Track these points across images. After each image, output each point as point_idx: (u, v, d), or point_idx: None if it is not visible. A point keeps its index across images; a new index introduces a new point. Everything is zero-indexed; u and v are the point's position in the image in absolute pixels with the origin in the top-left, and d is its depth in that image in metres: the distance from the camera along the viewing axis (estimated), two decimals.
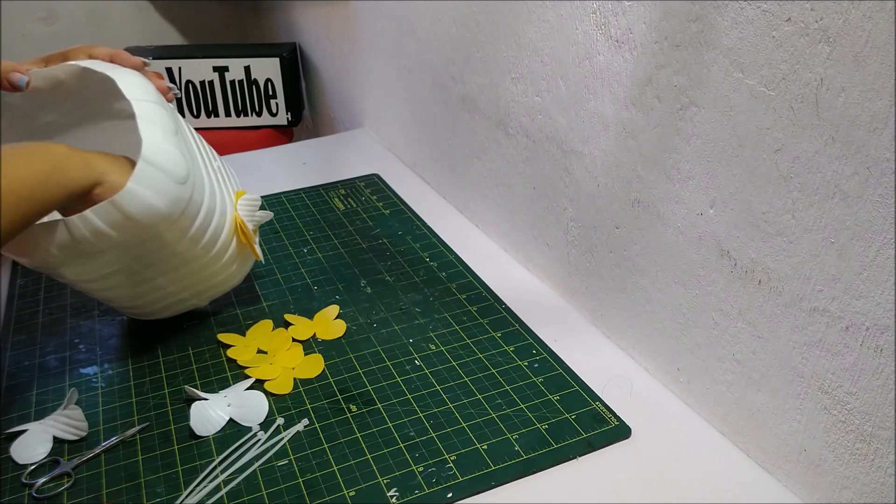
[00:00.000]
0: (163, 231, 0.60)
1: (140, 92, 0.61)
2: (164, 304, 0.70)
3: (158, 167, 0.58)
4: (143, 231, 0.59)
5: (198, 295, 0.71)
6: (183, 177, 0.59)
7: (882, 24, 0.41)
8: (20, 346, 0.73)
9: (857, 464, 0.49)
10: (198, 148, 0.67)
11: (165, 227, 0.60)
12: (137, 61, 0.66)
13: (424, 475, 0.57)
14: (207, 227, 0.65)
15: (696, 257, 0.59)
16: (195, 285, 0.69)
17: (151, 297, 0.68)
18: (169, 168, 0.58)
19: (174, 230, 0.61)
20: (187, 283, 0.68)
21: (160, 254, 0.63)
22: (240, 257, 0.71)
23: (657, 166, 0.61)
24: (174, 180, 0.58)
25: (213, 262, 0.68)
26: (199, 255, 0.66)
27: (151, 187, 0.57)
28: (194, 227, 0.63)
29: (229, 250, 0.69)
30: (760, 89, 0.50)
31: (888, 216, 0.43)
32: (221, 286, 0.72)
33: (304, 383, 0.68)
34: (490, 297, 0.79)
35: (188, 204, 0.61)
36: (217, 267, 0.69)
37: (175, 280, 0.67)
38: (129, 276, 0.64)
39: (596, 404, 0.64)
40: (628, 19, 0.60)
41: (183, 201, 0.60)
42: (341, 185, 1.07)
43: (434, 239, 0.91)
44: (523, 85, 0.77)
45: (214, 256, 0.67)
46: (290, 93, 1.49)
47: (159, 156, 0.58)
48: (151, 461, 0.59)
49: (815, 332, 0.50)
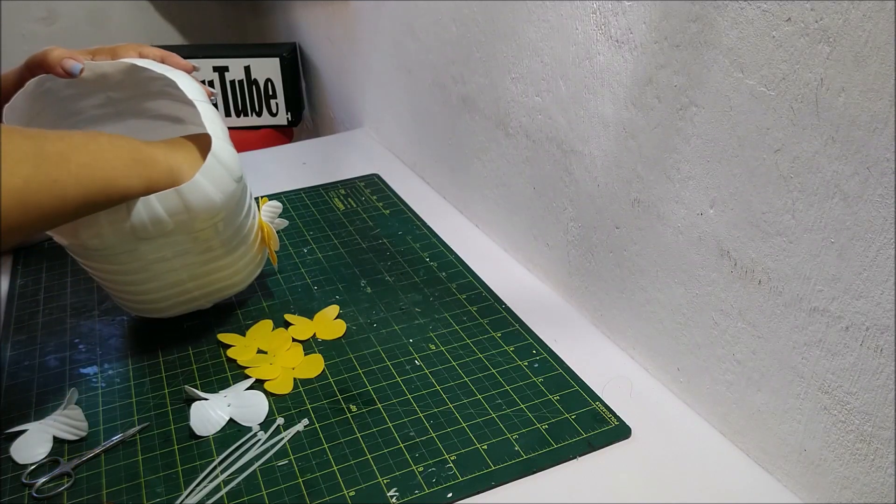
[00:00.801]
0: (211, 225, 0.63)
1: (199, 94, 0.64)
2: (175, 301, 0.71)
3: (223, 163, 0.61)
4: (196, 223, 0.61)
5: (207, 295, 0.72)
6: (239, 175, 0.63)
7: (882, 24, 0.41)
8: (20, 346, 0.73)
9: (857, 464, 0.49)
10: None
11: (215, 221, 0.63)
12: (188, 65, 0.68)
13: (424, 475, 0.57)
14: (244, 227, 0.68)
15: (696, 257, 0.59)
16: (210, 284, 0.70)
17: (168, 292, 0.69)
18: (230, 165, 0.62)
19: (220, 225, 0.64)
20: (205, 280, 0.70)
21: (197, 248, 0.65)
22: (254, 261, 0.74)
23: (657, 166, 0.61)
24: (233, 178, 0.62)
25: (234, 262, 0.70)
26: (228, 252, 0.68)
27: (214, 182, 0.60)
28: (234, 226, 0.66)
29: (250, 253, 0.72)
30: (760, 89, 0.50)
31: (888, 216, 0.43)
32: (231, 289, 0.73)
33: (304, 383, 0.68)
34: (490, 297, 0.79)
35: (239, 200, 0.65)
36: (236, 267, 0.71)
37: (196, 276, 0.68)
38: (158, 268, 0.65)
39: (596, 404, 0.64)
40: (628, 19, 0.60)
41: (235, 198, 0.64)
42: (341, 185, 1.07)
43: (434, 239, 0.91)
44: (523, 85, 0.77)
45: (238, 256, 0.70)
46: (290, 93, 1.49)
47: (223, 153, 0.61)
48: (151, 461, 0.59)
49: (815, 332, 0.50)
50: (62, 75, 0.62)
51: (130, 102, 0.72)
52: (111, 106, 0.72)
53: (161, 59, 0.67)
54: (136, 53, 0.67)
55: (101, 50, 0.66)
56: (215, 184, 0.60)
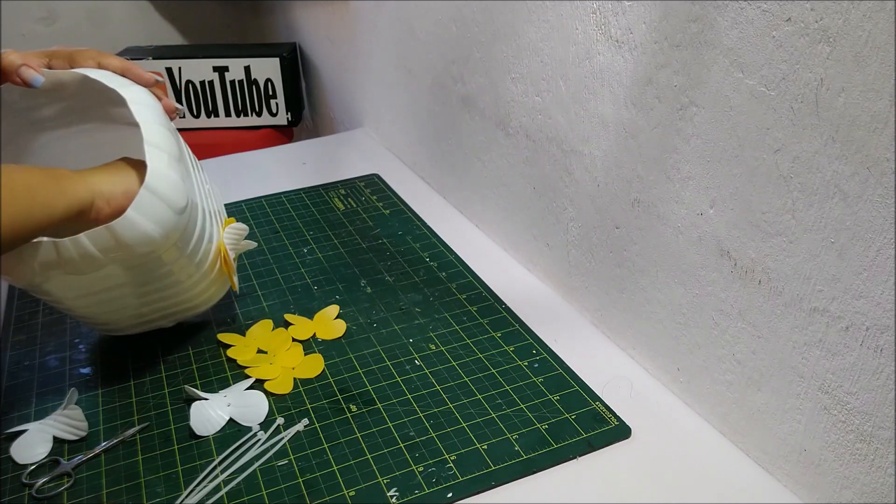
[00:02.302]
0: (152, 258, 0.59)
1: (149, 114, 0.60)
2: (133, 323, 0.69)
3: (160, 196, 0.57)
4: (134, 258, 0.58)
5: (167, 317, 0.70)
6: (182, 207, 0.58)
7: (882, 24, 0.41)
8: (20, 346, 0.73)
9: (857, 464, 0.49)
10: (194, 171, 0.66)
11: (156, 254, 0.59)
12: (149, 78, 0.64)
13: (424, 475, 0.57)
14: (196, 255, 0.64)
15: (696, 257, 0.59)
16: (167, 308, 0.68)
17: (121, 315, 0.67)
18: (169, 197, 0.57)
19: (164, 257, 0.60)
20: (160, 305, 0.67)
21: (142, 278, 0.62)
22: (215, 285, 0.70)
23: (657, 166, 0.61)
24: (173, 210, 0.58)
25: (191, 288, 0.67)
26: (181, 280, 0.65)
27: (150, 216, 0.56)
28: (183, 256, 0.62)
29: (209, 277, 0.68)
30: (760, 89, 0.50)
31: (888, 216, 0.43)
32: (191, 310, 0.71)
33: (304, 383, 0.68)
34: (490, 297, 0.79)
35: (182, 233, 0.60)
36: (193, 292, 0.68)
37: (150, 302, 0.66)
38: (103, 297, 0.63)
39: (596, 404, 0.64)
40: (628, 19, 0.60)
41: (178, 231, 0.59)
42: (341, 185, 1.07)
43: (434, 239, 0.91)
44: (523, 85, 0.77)
45: (194, 282, 0.66)
46: (290, 93, 1.49)
47: (162, 183, 0.57)
48: (151, 461, 0.59)
49: (815, 332, 0.50)
50: (20, 84, 0.59)
51: (94, 109, 0.69)
52: (73, 114, 0.69)
53: (121, 71, 0.63)
54: (95, 63, 0.63)
55: (58, 53, 0.62)
56: (152, 218, 0.56)
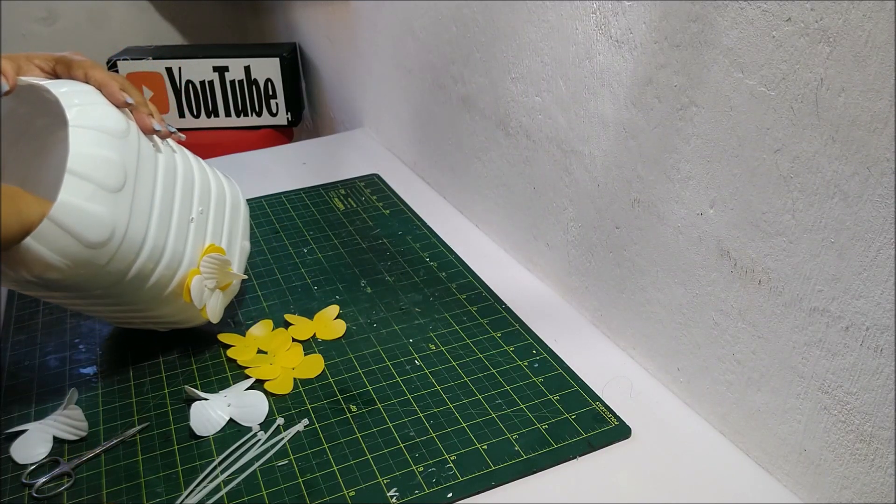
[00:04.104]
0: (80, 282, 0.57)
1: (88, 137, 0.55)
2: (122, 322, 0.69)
3: (66, 228, 0.52)
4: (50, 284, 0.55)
5: (158, 325, 0.70)
6: (96, 242, 0.54)
7: (882, 24, 0.41)
8: (20, 346, 0.73)
9: (857, 464, 0.49)
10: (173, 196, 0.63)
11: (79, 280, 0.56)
12: (119, 99, 0.59)
13: (424, 475, 0.57)
14: (144, 284, 0.61)
15: (696, 257, 0.59)
16: (148, 321, 0.68)
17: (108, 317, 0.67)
18: (79, 231, 0.53)
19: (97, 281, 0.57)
20: (139, 318, 0.67)
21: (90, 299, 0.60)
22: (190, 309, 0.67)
23: (657, 166, 0.61)
24: (83, 244, 0.53)
25: (157, 312, 0.66)
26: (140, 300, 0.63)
27: (51, 246, 0.52)
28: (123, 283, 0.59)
29: (174, 303, 0.65)
30: (760, 89, 0.50)
31: (888, 216, 0.43)
32: (181, 324, 0.70)
33: (304, 383, 0.68)
34: (490, 297, 0.79)
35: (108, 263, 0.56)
36: (162, 313, 0.66)
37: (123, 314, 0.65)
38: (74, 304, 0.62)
39: (596, 404, 0.64)
40: (628, 19, 0.60)
41: (95, 264, 0.55)
42: (341, 185, 1.07)
43: (434, 239, 0.91)
44: (523, 85, 0.77)
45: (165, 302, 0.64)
46: (290, 93, 1.49)
47: (71, 217, 0.52)
48: (151, 461, 0.59)
49: (815, 332, 0.50)
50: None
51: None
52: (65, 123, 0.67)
53: (98, 86, 0.59)
54: (83, 74, 0.60)
55: (63, 60, 0.61)
56: (54, 249, 0.52)
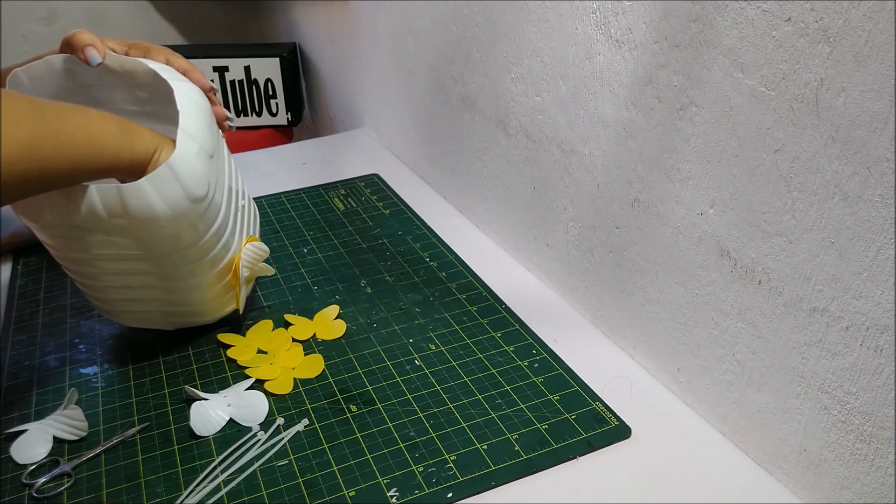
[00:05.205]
0: (156, 239, 0.60)
1: (193, 108, 0.61)
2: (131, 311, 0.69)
3: (178, 178, 0.58)
4: (135, 230, 0.59)
5: (166, 316, 0.70)
6: (197, 197, 0.59)
7: (882, 24, 0.41)
8: (20, 346, 0.73)
9: (857, 464, 0.49)
10: (231, 182, 0.68)
11: (161, 236, 0.60)
12: (206, 83, 0.67)
13: (424, 475, 0.57)
14: (203, 256, 0.64)
15: (696, 257, 0.59)
16: (166, 305, 0.68)
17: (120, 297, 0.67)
18: (187, 182, 0.58)
19: (168, 243, 0.61)
20: (160, 299, 0.67)
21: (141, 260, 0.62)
22: (221, 298, 0.70)
23: (657, 166, 0.61)
24: (188, 196, 0.59)
25: (190, 290, 0.67)
26: (180, 277, 0.65)
27: (162, 194, 0.57)
28: (191, 249, 0.63)
29: (215, 287, 0.68)
30: (760, 89, 0.50)
31: (888, 216, 0.43)
32: (192, 317, 0.71)
33: (304, 383, 0.68)
34: (490, 297, 0.79)
35: (194, 223, 0.61)
36: (194, 296, 0.68)
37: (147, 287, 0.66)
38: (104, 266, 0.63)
39: (596, 404, 0.64)
40: (628, 19, 0.60)
41: (189, 220, 0.60)
42: (341, 185, 1.07)
43: (434, 239, 0.91)
44: (523, 85, 0.77)
45: (193, 285, 0.66)
46: (290, 93, 1.49)
47: (184, 168, 0.58)
48: (151, 461, 0.59)
49: (815, 332, 0.50)
50: (82, 61, 0.63)
51: (159, 106, 0.70)
52: (139, 105, 0.70)
53: (184, 71, 0.66)
54: (164, 59, 0.67)
55: (137, 45, 0.67)
56: (163, 196, 0.57)
